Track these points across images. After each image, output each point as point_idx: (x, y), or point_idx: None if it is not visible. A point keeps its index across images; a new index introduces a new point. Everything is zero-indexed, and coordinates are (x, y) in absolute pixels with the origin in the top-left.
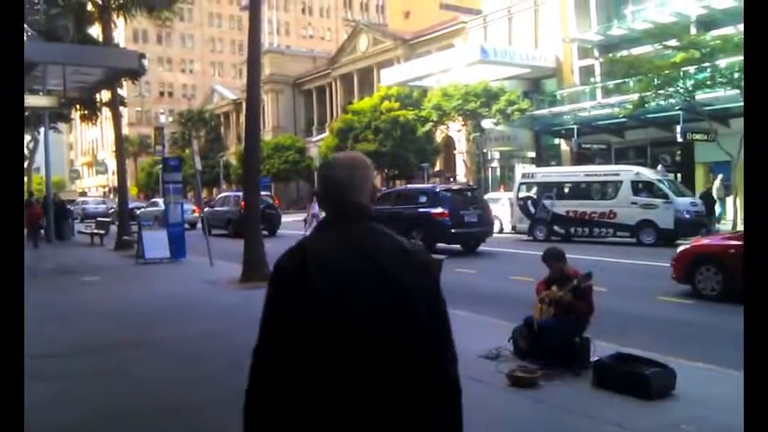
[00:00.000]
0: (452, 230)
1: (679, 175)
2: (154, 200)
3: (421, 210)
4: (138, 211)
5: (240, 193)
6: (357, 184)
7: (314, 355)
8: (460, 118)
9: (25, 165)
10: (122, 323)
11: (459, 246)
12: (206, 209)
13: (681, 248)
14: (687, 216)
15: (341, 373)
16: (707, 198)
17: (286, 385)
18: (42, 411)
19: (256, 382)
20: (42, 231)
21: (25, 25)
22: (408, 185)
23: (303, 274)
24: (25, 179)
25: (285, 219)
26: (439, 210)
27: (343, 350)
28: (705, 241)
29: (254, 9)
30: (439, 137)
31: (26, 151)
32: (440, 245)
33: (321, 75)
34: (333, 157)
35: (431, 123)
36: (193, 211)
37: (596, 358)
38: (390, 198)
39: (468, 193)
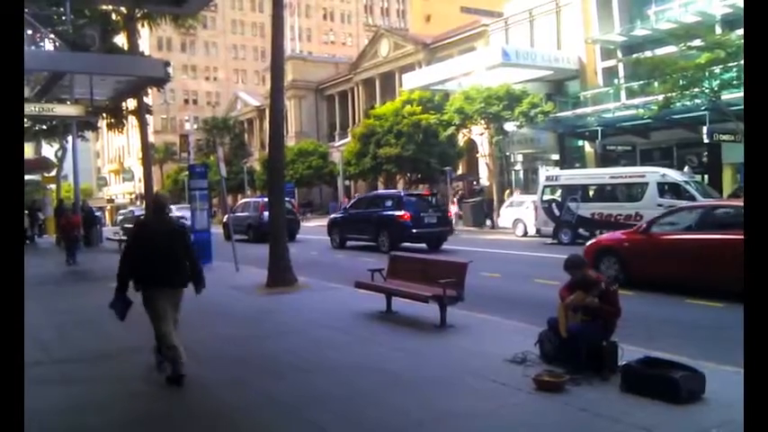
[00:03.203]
0: (414, 230)
1: (706, 176)
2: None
3: (386, 213)
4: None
5: (260, 199)
6: (166, 203)
7: (143, 251)
8: (483, 121)
9: (53, 173)
10: (149, 329)
11: (423, 244)
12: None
13: (588, 243)
14: None
15: (153, 256)
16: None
17: (134, 259)
18: (67, 415)
19: (125, 257)
20: (80, 243)
21: (52, 35)
22: (377, 192)
23: (141, 228)
24: (54, 187)
25: (307, 224)
26: (402, 212)
27: (153, 250)
28: (606, 236)
29: (277, 15)
30: (461, 140)
31: (54, 159)
32: (405, 243)
33: (343, 80)
34: (158, 194)
35: (453, 127)
36: None
37: (624, 362)
38: (362, 203)
39: (430, 198)
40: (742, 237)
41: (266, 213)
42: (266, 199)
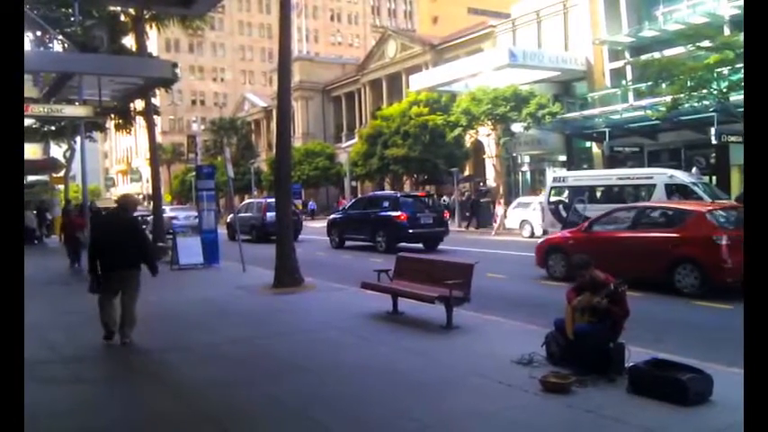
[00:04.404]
0: (410, 230)
1: (714, 177)
2: (162, 207)
3: (384, 213)
4: (148, 218)
5: (263, 200)
6: (130, 204)
7: (102, 241)
8: (490, 122)
9: (62, 173)
10: (156, 329)
11: (420, 244)
12: (230, 215)
13: (539, 241)
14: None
15: (110, 245)
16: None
17: (97, 249)
18: (73, 415)
19: (91, 248)
20: (84, 243)
21: (61, 36)
22: (375, 192)
23: (100, 222)
24: (62, 187)
25: (313, 224)
26: (398, 213)
27: (109, 240)
28: (555, 234)
29: (284, 17)
30: (468, 141)
31: (62, 160)
32: (402, 244)
33: (350, 81)
34: (123, 195)
35: (460, 128)
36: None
37: (631, 364)
38: (361, 204)
39: (426, 199)
40: (666, 234)
41: (269, 214)
42: (269, 200)
